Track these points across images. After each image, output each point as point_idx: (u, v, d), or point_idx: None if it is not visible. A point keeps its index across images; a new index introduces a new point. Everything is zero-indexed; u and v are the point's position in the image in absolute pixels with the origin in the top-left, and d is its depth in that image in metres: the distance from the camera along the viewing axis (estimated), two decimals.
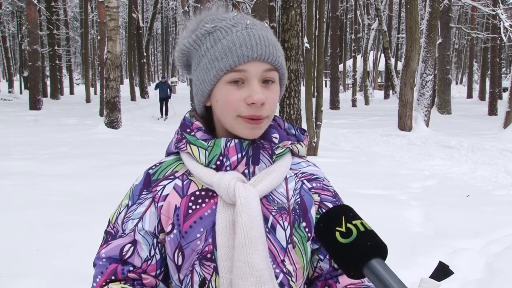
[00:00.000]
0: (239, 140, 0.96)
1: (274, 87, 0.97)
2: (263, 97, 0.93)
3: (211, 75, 0.95)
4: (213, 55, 0.94)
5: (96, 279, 0.97)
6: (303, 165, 1.08)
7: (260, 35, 0.95)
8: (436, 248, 3.86)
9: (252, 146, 0.98)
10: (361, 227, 0.76)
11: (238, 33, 0.94)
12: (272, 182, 0.96)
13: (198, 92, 1.00)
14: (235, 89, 0.94)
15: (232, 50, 0.92)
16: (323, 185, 1.06)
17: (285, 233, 0.97)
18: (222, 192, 0.93)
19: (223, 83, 0.94)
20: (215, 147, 0.96)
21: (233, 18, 0.98)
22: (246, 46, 0.92)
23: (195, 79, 1.00)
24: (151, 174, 1.03)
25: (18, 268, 3.20)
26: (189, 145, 0.99)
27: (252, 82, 0.93)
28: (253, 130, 0.95)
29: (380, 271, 0.71)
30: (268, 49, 0.94)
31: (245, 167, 0.97)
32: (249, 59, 0.92)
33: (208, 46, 0.96)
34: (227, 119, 0.96)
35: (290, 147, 1.02)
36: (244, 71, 0.93)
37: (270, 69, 0.95)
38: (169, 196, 0.98)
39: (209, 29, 0.97)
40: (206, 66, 0.96)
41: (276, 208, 0.97)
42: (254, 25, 0.97)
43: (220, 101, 0.96)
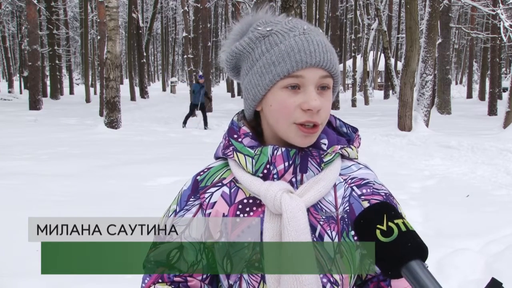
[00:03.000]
0: (286, 149, 0.95)
1: (329, 94, 0.96)
2: (319, 103, 0.92)
3: (267, 80, 0.93)
4: (269, 59, 0.93)
5: (144, 281, 1.00)
6: (353, 169, 1.04)
7: (318, 40, 0.93)
8: (435, 248, 3.86)
9: (300, 154, 0.96)
10: (403, 227, 0.75)
11: (296, 37, 0.92)
12: (320, 191, 0.95)
13: (250, 96, 0.98)
14: (291, 95, 0.92)
15: (290, 55, 0.91)
16: (374, 189, 1.02)
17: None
18: (268, 204, 0.92)
19: (278, 88, 0.93)
20: (262, 155, 0.95)
21: (288, 22, 0.96)
22: (305, 52, 0.91)
23: (247, 83, 0.98)
24: (199, 180, 1.03)
25: (18, 268, 3.20)
26: (236, 152, 0.98)
27: (308, 88, 0.92)
28: (306, 139, 0.94)
29: (420, 273, 0.70)
30: (326, 55, 0.93)
31: (292, 175, 0.96)
32: (307, 65, 0.91)
33: (263, 50, 0.94)
34: (281, 125, 0.94)
35: (340, 152, 1.00)
36: (301, 77, 0.92)
37: (327, 75, 0.94)
38: (217, 204, 0.99)
39: (264, 33, 0.95)
40: (261, 70, 0.94)
41: (324, 217, 0.96)
42: (311, 30, 0.95)
43: (274, 106, 0.94)
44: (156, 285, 0.98)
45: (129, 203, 4.84)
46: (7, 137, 10.71)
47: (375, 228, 0.75)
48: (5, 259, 3.34)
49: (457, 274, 3.39)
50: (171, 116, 18.43)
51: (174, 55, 55.97)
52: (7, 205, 4.70)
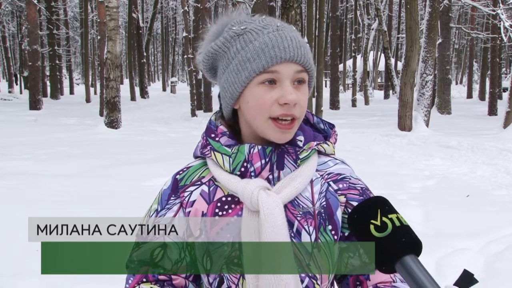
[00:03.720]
0: (262, 147, 0.97)
1: (305, 88, 0.98)
2: (296, 97, 0.93)
3: (243, 77, 0.95)
4: (244, 57, 0.94)
5: (128, 281, 1.01)
6: (330, 164, 1.06)
7: (291, 36, 0.95)
8: (435, 248, 3.86)
9: (276, 152, 0.97)
10: (397, 222, 0.74)
11: (270, 34, 0.94)
12: (296, 187, 0.96)
13: (227, 94, 0.99)
14: (268, 90, 0.94)
15: (264, 51, 0.93)
16: (350, 184, 1.04)
17: (310, 238, 0.97)
18: (246, 201, 0.94)
19: (254, 85, 0.95)
20: (239, 154, 0.97)
21: (262, 20, 0.98)
22: (279, 48, 0.93)
23: (224, 82, 0.99)
24: (179, 179, 1.04)
25: (18, 268, 3.20)
26: (213, 152, 0.99)
27: (284, 83, 0.94)
28: (283, 134, 0.95)
29: (414, 268, 0.70)
30: (300, 50, 0.95)
31: (269, 172, 0.97)
32: (282, 60, 0.93)
33: (238, 48, 0.96)
34: (258, 121, 0.96)
35: (316, 148, 1.01)
36: (276, 72, 0.93)
37: (301, 70, 0.96)
38: (196, 202, 1.00)
39: (239, 31, 0.97)
40: (237, 67, 0.95)
41: (301, 212, 0.97)
42: (284, 27, 0.97)
43: (251, 102, 0.95)
44: (141, 285, 0.98)
45: (129, 203, 4.84)
46: (7, 137, 10.71)
47: (369, 223, 0.75)
48: (5, 259, 3.34)
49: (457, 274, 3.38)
50: (171, 116, 18.44)
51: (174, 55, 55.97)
52: (7, 205, 4.70)
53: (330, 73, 25.28)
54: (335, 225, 1.00)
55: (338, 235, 1.00)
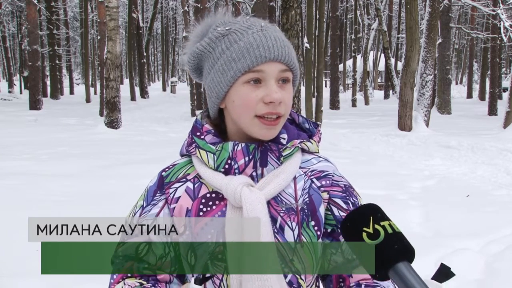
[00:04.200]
0: (246, 144, 0.99)
1: (289, 87, 1.00)
2: (280, 96, 0.95)
3: (228, 76, 0.96)
4: (229, 57, 0.96)
5: (113, 276, 1.03)
6: (313, 161, 1.08)
7: (275, 36, 0.97)
8: (435, 248, 3.86)
9: (260, 149, 0.99)
10: (389, 229, 0.75)
11: (254, 34, 0.96)
12: (279, 184, 0.98)
13: (213, 94, 1.01)
14: (253, 89, 0.96)
15: (249, 51, 0.94)
16: (333, 181, 1.06)
17: (293, 233, 0.98)
18: (229, 197, 0.96)
19: (240, 84, 0.96)
20: (223, 151, 0.99)
21: (246, 21, 1.00)
22: (264, 47, 0.95)
23: (210, 81, 1.01)
24: (164, 176, 1.07)
25: (18, 268, 3.20)
26: (198, 149, 1.01)
27: (269, 82, 0.96)
28: (269, 131, 0.97)
29: (406, 275, 0.70)
30: (284, 50, 0.97)
31: (252, 169, 0.99)
32: (267, 59, 0.94)
33: (223, 48, 0.97)
34: (244, 119, 0.98)
35: (299, 146, 1.03)
36: (261, 71, 0.95)
37: (286, 69, 0.98)
38: (181, 198, 1.02)
39: (224, 32, 0.98)
40: (223, 67, 0.97)
41: (284, 209, 0.99)
42: (268, 27, 1.00)
43: (236, 101, 0.97)
44: (126, 280, 1.00)
45: (129, 203, 4.82)
46: (7, 137, 10.72)
47: (361, 231, 0.75)
48: (5, 259, 3.34)
49: (457, 274, 3.39)
50: (171, 116, 18.45)
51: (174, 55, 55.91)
52: (7, 205, 4.70)
53: (330, 73, 25.28)
54: (318, 221, 1.01)
55: (321, 231, 1.02)
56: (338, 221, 1.02)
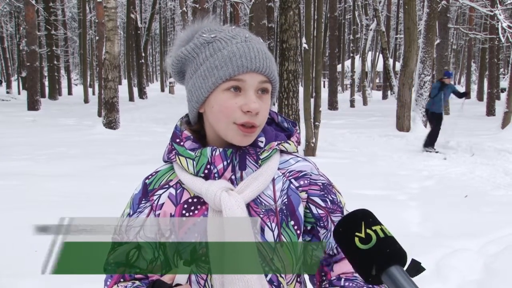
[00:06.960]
0: (224, 149, 1.02)
1: (267, 98, 1.03)
2: (258, 106, 0.98)
3: (209, 83, 0.99)
4: (212, 64, 0.99)
5: (106, 283, 1.06)
6: (291, 162, 1.10)
7: (258, 48, 1.00)
8: (434, 248, 3.87)
9: (238, 153, 1.02)
10: (381, 233, 0.76)
11: (238, 44, 0.99)
12: (258, 186, 1.01)
13: (193, 98, 1.04)
14: (232, 97, 0.99)
15: (232, 60, 0.98)
16: (311, 180, 1.08)
17: (273, 234, 1.01)
18: (210, 202, 0.99)
19: (220, 91, 0.99)
20: (202, 157, 1.02)
21: (232, 30, 1.04)
22: (246, 58, 0.98)
23: (191, 86, 1.04)
24: (148, 183, 1.10)
25: (18, 268, 3.20)
26: (178, 156, 1.05)
27: (249, 92, 0.99)
28: (245, 138, 1.00)
29: (399, 279, 0.71)
30: (265, 62, 1.00)
31: (231, 173, 1.02)
32: (248, 70, 0.98)
33: (207, 55, 1.00)
34: (221, 125, 1.01)
35: (277, 148, 1.06)
36: (242, 81, 0.98)
37: (266, 81, 1.01)
38: (165, 204, 1.05)
39: (209, 39, 1.02)
40: (205, 73, 1.00)
41: (263, 210, 1.02)
42: (252, 38, 1.03)
43: (216, 107, 1.00)
44: (119, 284, 1.04)
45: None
46: (6, 137, 10.70)
47: (354, 236, 0.76)
48: (5, 259, 3.34)
49: (456, 274, 3.40)
50: (169, 117, 18.42)
51: None
52: (7, 205, 4.70)
53: (329, 73, 25.31)
54: (298, 221, 1.04)
55: (301, 230, 1.04)
56: (317, 219, 1.05)
